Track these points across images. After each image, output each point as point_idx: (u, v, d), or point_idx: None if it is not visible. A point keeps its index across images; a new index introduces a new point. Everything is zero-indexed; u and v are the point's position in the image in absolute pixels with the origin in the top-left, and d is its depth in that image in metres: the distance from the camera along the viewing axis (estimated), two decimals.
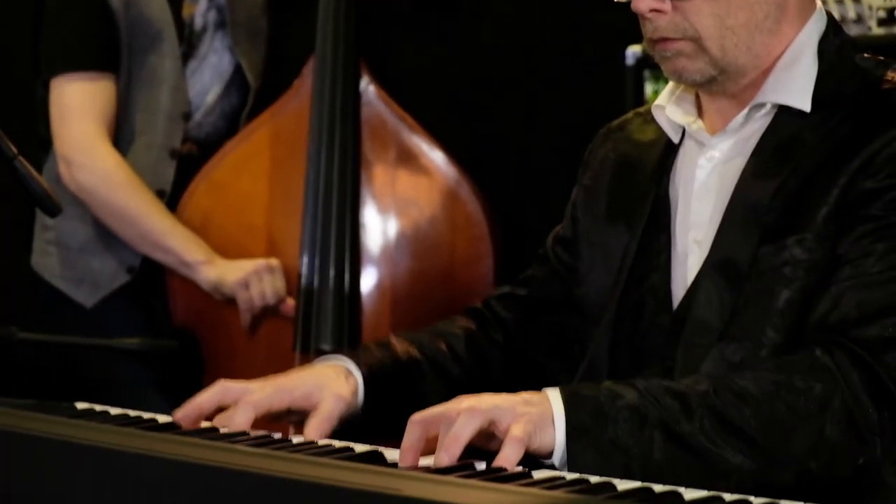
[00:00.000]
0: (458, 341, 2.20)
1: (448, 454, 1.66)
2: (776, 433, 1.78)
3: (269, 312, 3.28)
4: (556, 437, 1.74)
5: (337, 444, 1.82)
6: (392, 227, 3.36)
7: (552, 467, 1.73)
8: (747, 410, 1.78)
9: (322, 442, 1.84)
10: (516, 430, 1.69)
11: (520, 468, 1.66)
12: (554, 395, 1.76)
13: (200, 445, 1.67)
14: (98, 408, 2.07)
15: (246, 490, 1.46)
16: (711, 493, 1.50)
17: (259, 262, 3.26)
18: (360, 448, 1.76)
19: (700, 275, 1.98)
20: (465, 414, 1.70)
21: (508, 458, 1.66)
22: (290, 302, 3.28)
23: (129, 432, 1.79)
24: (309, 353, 3.26)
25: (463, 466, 1.66)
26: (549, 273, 2.25)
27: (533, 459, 1.74)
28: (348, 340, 3.27)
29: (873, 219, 1.88)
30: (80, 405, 2.09)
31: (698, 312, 1.96)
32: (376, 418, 2.08)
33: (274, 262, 3.28)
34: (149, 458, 1.57)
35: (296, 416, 2.01)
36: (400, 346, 2.15)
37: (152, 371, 3.36)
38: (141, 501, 1.55)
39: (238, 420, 1.91)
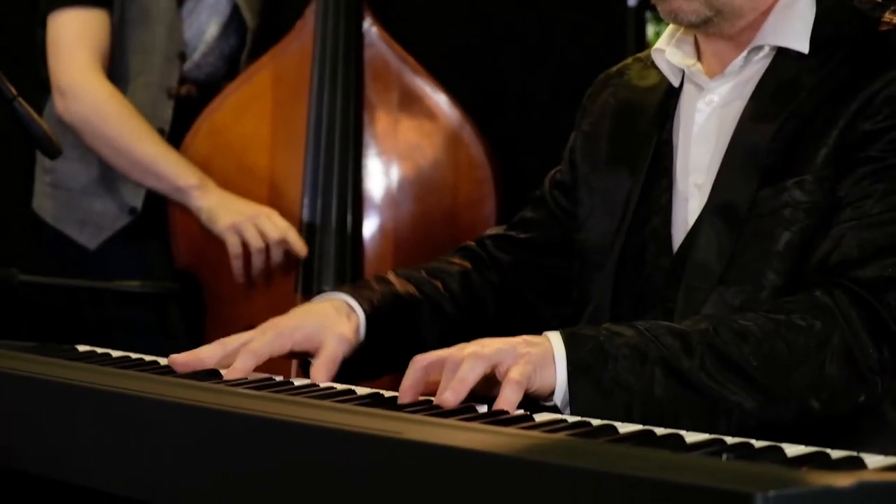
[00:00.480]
0: (453, 281, 2.19)
1: (454, 394, 1.66)
2: (776, 371, 1.78)
3: (269, 257, 3.26)
4: (557, 377, 1.73)
5: (339, 386, 1.81)
6: (394, 169, 3.35)
7: (554, 408, 1.73)
8: (747, 348, 1.78)
9: (323, 385, 1.84)
10: (514, 373, 1.69)
11: (521, 411, 1.66)
12: (554, 336, 1.76)
13: (202, 388, 1.67)
14: (99, 350, 2.07)
15: (247, 433, 1.46)
16: (713, 436, 1.50)
17: (254, 208, 3.24)
18: (361, 391, 1.76)
19: (700, 219, 1.98)
20: (471, 358, 1.69)
21: (508, 399, 1.66)
22: (300, 243, 3.26)
23: (130, 375, 1.79)
24: (311, 295, 3.25)
25: (464, 409, 1.66)
26: (547, 216, 2.24)
27: (535, 402, 1.74)
28: (350, 282, 3.27)
29: (873, 160, 1.88)
30: (82, 347, 2.10)
31: (698, 256, 1.96)
32: (375, 356, 2.07)
33: (267, 209, 3.25)
34: (150, 400, 1.57)
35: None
36: (399, 283, 2.15)
37: (154, 314, 3.36)
38: (141, 444, 1.55)
39: (237, 367, 1.90)
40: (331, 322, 2.01)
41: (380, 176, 3.35)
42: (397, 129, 3.36)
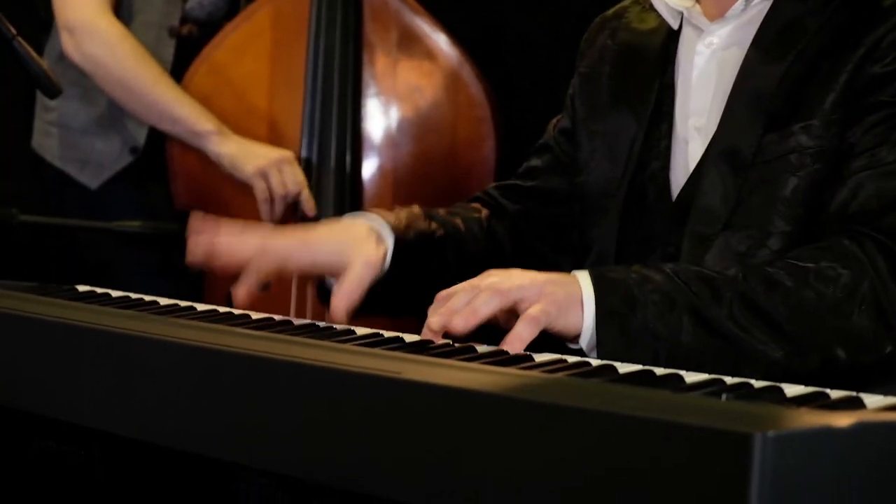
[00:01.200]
0: (474, 223, 2.17)
1: (464, 321, 1.64)
2: (804, 320, 1.78)
3: (287, 205, 3.25)
4: (584, 321, 1.72)
5: (338, 327, 1.82)
6: (393, 108, 3.34)
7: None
8: (776, 297, 1.77)
9: (322, 324, 1.84)
10: (534, 310, 1.67)
11: (521, 351, 1.66)
12: (583, 278, 1.74)
13: (201, 328, 1.67)
14: (99, 290, 2.07)
15: (247, 373, 1.46)
16: (712, 376, 1.50)
17: (277, 153, 3.23)
18: (361, 331, 1.76)
19: (704, 163, 1.97)
20: (489, 292, 1.67)
21: (520, 335, 1.64)
22: (311, 202, 3.25)
23: (130, 315, 1.79)
24: None
25: (465, 350, 1.66)
26: (553, 163, 2.23)
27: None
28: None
29: (884, 105, 1.87)
30: (81, 288, 2.10)
31: (703, 201, 1.95)
32: (398, 289, 2.02)
33: (290, 154, 3.24)
34: (150, 340, 1.57)
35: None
36: (424, 219, 2.10)
37: (154, 254, 3.36)
38: (141, 384, 1.55)
39: (242, 249, 1.86)
40: (361, 244, 1.94)
41: (379, 116, 3.34)
42: (396, 68, 3.35)
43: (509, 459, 1.23)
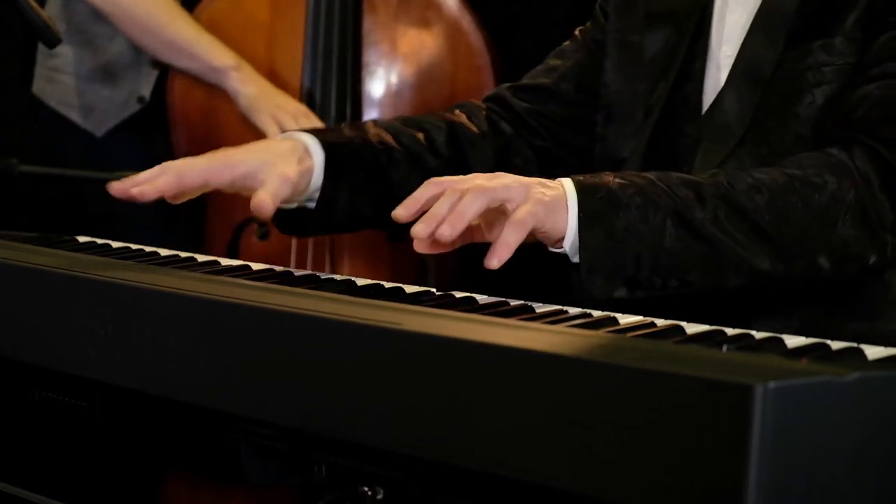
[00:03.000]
0: (438, 133, 2.11)
1: (450, 228, 1.61)
2: (789, 226, 1.77)
3: None
4: (569, 223, 1.70)
5: (338, 278, 1.81)
6: (394, 58, 3.33)
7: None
8: (760, 202, 1.76)
9: (324, 276, 1.84)
10: (520, 213, 1.63)
11: (521, 302, 1.65)
12: (567, 182, 1.72)
13: (202, 279, 1.67)
14: (99, 241, 2.07)
15: (247, 324, 1.46)
16: (713, 327, 1.50)
17: (295, 105, 3.20)
18: (361, 282, 1.76)
19: (727, 83, 1.96)
20: (474, 191, 1.64)
21: (507, 241, 1.61)
22: None
23: (130, 265, 1.79)
24: None
25: (464, 300, 1.66)
26: (575, 68, 2.19)
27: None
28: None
29: None
30: (82, 238, 2.09)
31: (720, 117, 1.94)
32: (334, 205, 2.00)
33: (306, 109, 3.22)
34: (150, 291, 1.57)
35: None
36: (373, 130, 2.07)
37: (154, 205, 3.34)
38: (142, 335, 1.55)
39: (160, 180, 1.86)
40: (277, 160, 1.93)
41: (379, 65, 3.32)
42: (397, 18, 3.34)
43: (509, 410, 1.23)
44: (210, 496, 3.22)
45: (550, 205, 1.68)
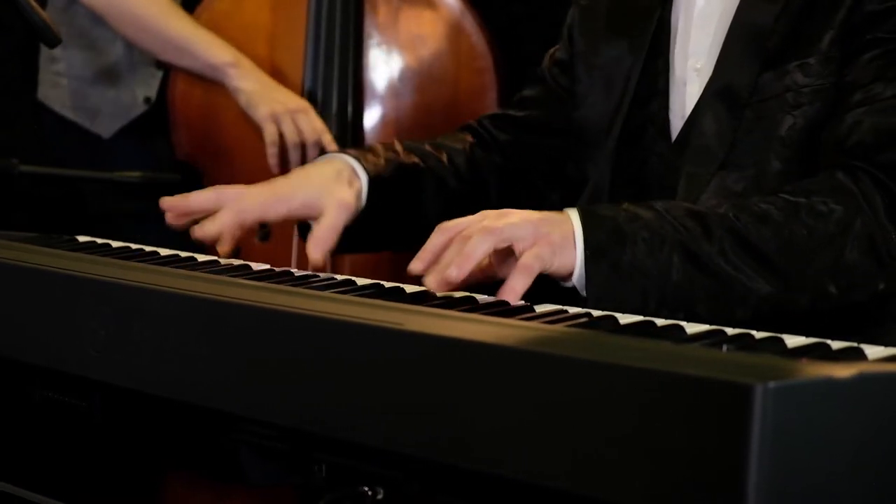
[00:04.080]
0: (459, 156, 2.14)
1: (457, 270, 1.62)
2: (796, 256, 1.76)
3: (297, 157, 3.23)
4: (577, 258, 1.70)
5: (338, 278, 1.81)
6: (396, 58, 3.32)
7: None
8: (767, 233, 1.76)
9: (324, 276, 1.84)
10: (527, 258, 1.65)
11: (522, 302, 1.65)
12: (574, 215, 1.72)
13: (202, 279, 1.67)
14: (99, 241, 2.07)
15: (247, 324, 1.46)
16: (713, 327, 1.50)
17: (296, 102, 3.20)
18: (361, 282, 1.76)
19: (700, 102, 1.96)
20: (482, 233, 1.65)
21: (514, 288, 1.63)
22: (334, 146, 3.24)
23: (130, 265, 1.78)
24: None
25: (465, 300, 1.65)
26: (546, 94, 2.22)
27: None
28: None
29: (881, 42, 1.86)
30: (82, 238, 2.09)
31: (699, 141, 1.94)
32: (375, 225, 2.01)
33: (307, 104, 3.22)
34: (150, 291, 1.57)
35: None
36: (403, 152, 2.08)
37: (155, 205, 3.34)
38: (142, 335, 1.55)
39: (221, 219, 1.84)
40: (332, 187, 1.93)
41: (380, 66, 3.32)
42: (398, 18, 3.33)
43: (509, 410, 1.22)
44: (210, 496, 3.22)
45: (559, 244, 1.69)
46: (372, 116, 3.31)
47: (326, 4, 3.28)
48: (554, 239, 1.69)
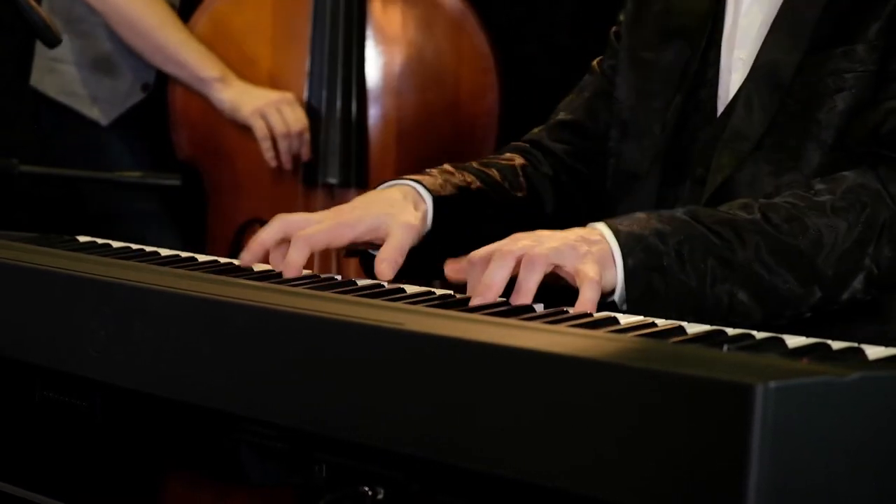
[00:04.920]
0: (511, 173, 2.13)
1: (524, 300, 1.63)
2: (824, 253, 1.78)
3: (286, 147, 3.25)
4: (618, 276, 1.71)
5: (339, 278, 1.81)
6: (397, 59, 3.32)
7: (612, 304, 1.71)
8: (798, 233, 1.77)
9: (324, 276, 1.84)
10: (590, 272, 1.65)
11: (522, 302, 1.65)
12: (607, 232, 1.73)
13: (202, 279, 1.67)
14: (100, 241, 2.07)
15: (247, 323, 1.46)
16: (714, 327, 1.50)
17: (277, 94, 3.23)
18: (361, 282, 1.76)
19: (742, 86, 1.96)
20: (527, 264, 1.64)
21: (591, 300, 1.63)
22: (307, 148, 3.25)
23: (130, 265, 1.78)
24: (315, 186, 3.26)
25: (465, 301, 1.65)
26: (601, 96, 2.20)
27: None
28: (355, 173, 3.26)
29: None
30: (82, 238, 2.09)
31: (736, 121, 1.95)
32: (441, 247, 1.96)
33: (290, 95, 3.24)
34: (150, 291, 1.57)
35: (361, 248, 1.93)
36: (458, 173, 2.05)
37: (155, 205, 3.36)
38: (142, 335, 1.55)
39: (293, 258, 1.80)
40: (397, 210, 1.91)
41: (383, 66, 3.32)
42: (400, 19, 3.34)
43: (509, 410, 1.22)
44: (210, 496, 3.22)
45: (601, 262, 1.69)
46: (375, 117, 3.31)
47: (329, 5, 3.28)
48: (598, 258, 1.69)
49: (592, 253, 1.69)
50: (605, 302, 1.73)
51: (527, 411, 1.21)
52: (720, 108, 2.01)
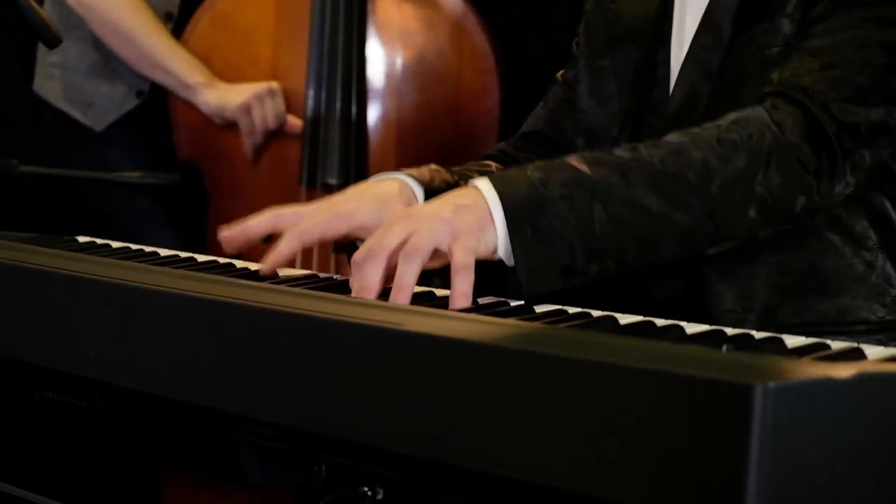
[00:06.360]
0: (489, 174, 2.14)
1: (404, 297, 1.63)
2: (714, 183, 1.77)
3: (272, 139, 3.26)
4: (498, 232, 1.69)
5: (339, 278, 1.81)
6: (398, 59, 3.32)
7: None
8: (683, 167, 1.76)
9: (324, 276, 1.84)
10: (458, 257, 1.64)
11: (520, 302, 1.65)
12: (485, 187, 1.71)
13: (202, 279, 1.67)
14: (99, 241, 2.07)
15: (247, 323, 1.46)
16: (713, 327, 1.50)
17: (259, 86, 3.25)
18: None
19: (680, 79, 1.99)
20: (404, 258, 1.64)
21: (463, 291, 1.62)
22: (295, 120, 3.27)
23: (130, 265, 1.78)
24: (315, 187, 3.25)
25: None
26: (565, 108, 2.23)
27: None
28: (355, 174, 3.26)
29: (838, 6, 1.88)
30: (82, 239, 2.09)
31: (676, 111, 1.98)
32: None
33: (274, 84, 3.26)
34: (150, 291, 1.57)
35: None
36: (444, 172, 2.06)
37: (155, 205, 3.36)
38: (142, 335, 1.55)
39: (282, 250, 1.80)
40: (392, 205, 1.90)
41: (383, 66, 3.32)
42: (401, 18, 3.34)
43: (509, 410, 1.22)
44: (210, 496, 3.22)
45: (479, 227, 1.68)
46: (375, 117, 3.31)
47: (329, 5, 3.28)
48: (472, 225, 1.68)
49: (468, 222, 1.67)
50: (562, 287, 1.72)
51: (526, 411, 1.21)
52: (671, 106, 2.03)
